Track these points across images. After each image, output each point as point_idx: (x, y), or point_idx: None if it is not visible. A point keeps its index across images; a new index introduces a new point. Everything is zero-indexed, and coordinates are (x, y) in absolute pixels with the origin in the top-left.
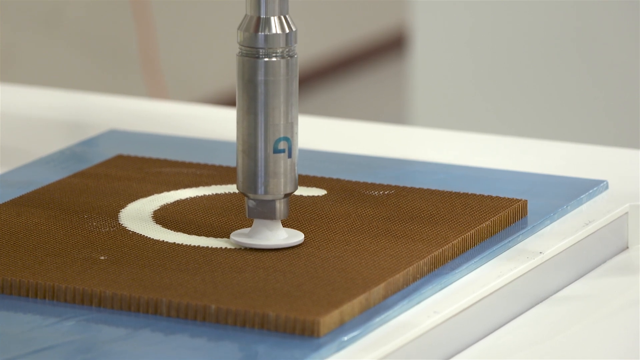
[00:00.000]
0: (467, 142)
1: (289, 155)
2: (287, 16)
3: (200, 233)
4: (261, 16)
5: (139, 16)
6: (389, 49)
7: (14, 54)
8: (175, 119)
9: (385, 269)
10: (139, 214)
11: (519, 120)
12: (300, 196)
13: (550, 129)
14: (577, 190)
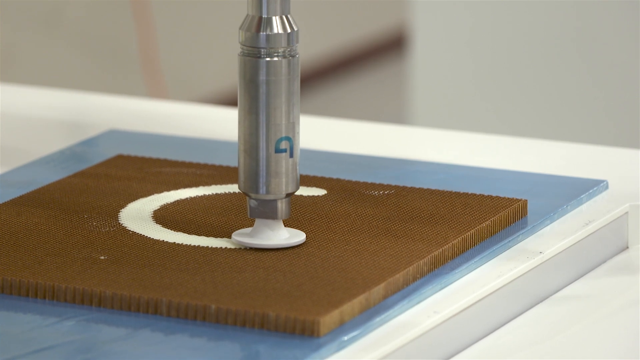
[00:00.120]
0: (467, 142)
1: (291, 155)
2: (289, 16)
3: (200, 233)
4: (263, 16)
5: (139, 16)
6: (389, 49)
7: (14, 54)
8: (175, 119)
9: (385, 268)
10: (139, 214)
11: (519, 120)
12: (300, 196)
13: (550, 129)
14: (577, 190)
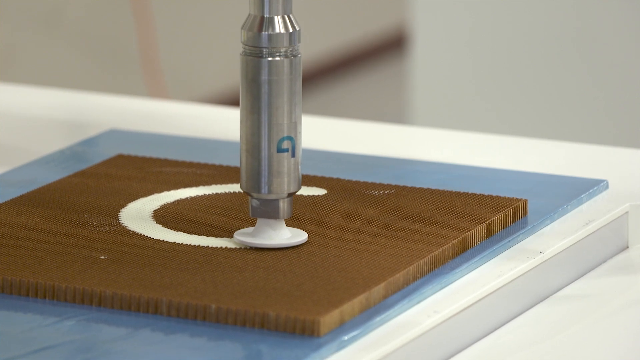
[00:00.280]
0: (468, 142)
1: (293, 155)
2: (291, 15)
3: (200, 232)
4: (265, 15)
5: (139, 16)
6: (389, 49)
7: (14, 54)
8: (176, 119)
9: (385, 268)
10: (139, 214)
11: (519, 120)
12: (301, 196)
13: (550, 129)
14: (578, 190)
